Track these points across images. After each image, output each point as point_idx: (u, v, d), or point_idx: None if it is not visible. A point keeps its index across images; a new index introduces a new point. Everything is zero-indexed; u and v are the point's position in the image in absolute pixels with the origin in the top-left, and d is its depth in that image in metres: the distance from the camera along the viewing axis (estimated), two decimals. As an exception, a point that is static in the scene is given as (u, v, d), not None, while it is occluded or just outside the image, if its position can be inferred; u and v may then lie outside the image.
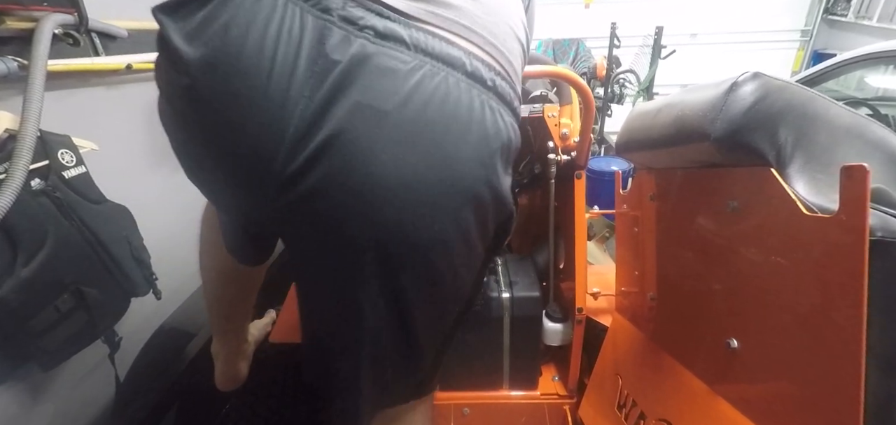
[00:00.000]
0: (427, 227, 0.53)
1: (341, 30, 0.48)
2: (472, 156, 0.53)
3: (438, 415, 1.35)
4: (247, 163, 0.52)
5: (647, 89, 4.10)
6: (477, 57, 0.54)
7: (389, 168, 0.49)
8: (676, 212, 0.90)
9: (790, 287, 0.62)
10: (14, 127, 0.99)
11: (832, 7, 5.43)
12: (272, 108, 0.48)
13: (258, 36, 0.47)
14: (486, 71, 0.54)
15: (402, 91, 0.49)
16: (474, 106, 0.52)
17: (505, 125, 0.56)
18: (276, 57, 0.47)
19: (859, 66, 2.53)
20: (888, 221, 0.53)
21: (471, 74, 0.53)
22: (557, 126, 1.18)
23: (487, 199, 0.56)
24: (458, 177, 0.53)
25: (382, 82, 0.48)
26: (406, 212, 0.52)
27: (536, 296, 1.22)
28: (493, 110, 0.54)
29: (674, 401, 0.88)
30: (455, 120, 0.51)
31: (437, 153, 0.51)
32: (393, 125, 0.49)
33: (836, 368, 0.56)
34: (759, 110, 0.64)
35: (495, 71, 0.56)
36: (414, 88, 0.49)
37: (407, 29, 0.50)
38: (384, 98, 0.48)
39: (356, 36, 0.48)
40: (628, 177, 1.25)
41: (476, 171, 0.54)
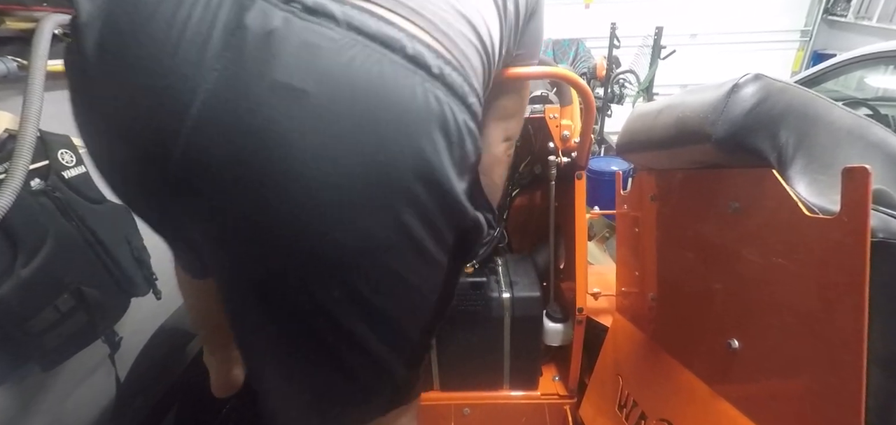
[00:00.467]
0: (355, 229, 0.47)
1: (264, 2, 0.43)
2: (409, 150, 0.46)
3: (438, 416, 1.35)
4: (141, 147, 0.46)
5: (647, 89, 4.10)
6: (421, 40, 0.48)
7: (309, 158, 0.43)
8: (677, 213, 0.90)
9: (791, 288, 0.62)
10: (14, 127, 0.99)
11: (832, 7, 5.43)
12: (175, 81, 0.42)
13: (172, 4, 0.42)
14: (432, 57, 0.48)
15: (328, 70, 0.43)
16: (416, 93, 0.46)
17: (454, 121, 0.49)
18: (188, 24, 0.42)
19: (859, 66, 2.53)
20: (889, 223, 0.53)
21: (412, 58, 0.46)
22: (558, 127, 1.18)
23: (428, 202, 0.49)
24: (390, 173, 0.46)
25: (305, 59, 0.43)
26: (329, 212, 0.45)
27: (537, 297, 1.22)
28: (440, 101, 0.48)
29: (674, 401, 0.88)
30: (389, 106, 0.45)
31: (366, 144, 0.44)
32: (314, 108, 0.43)
33: (837, 369, 0.56)
34: (760, 112, 0.64)
35: (444, 59, 0.49)
36: (342, 69, 0.43)
37: (340, 5, 0.45)
38: (306, 77, 0.42)
39: (281, 8, 0.43)
40: (629, 178, 1.25)
41: (414, 166, 0.47)
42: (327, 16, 0.44)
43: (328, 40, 0.43)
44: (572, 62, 4.93)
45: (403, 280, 0.53)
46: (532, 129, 1.33)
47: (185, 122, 0.42)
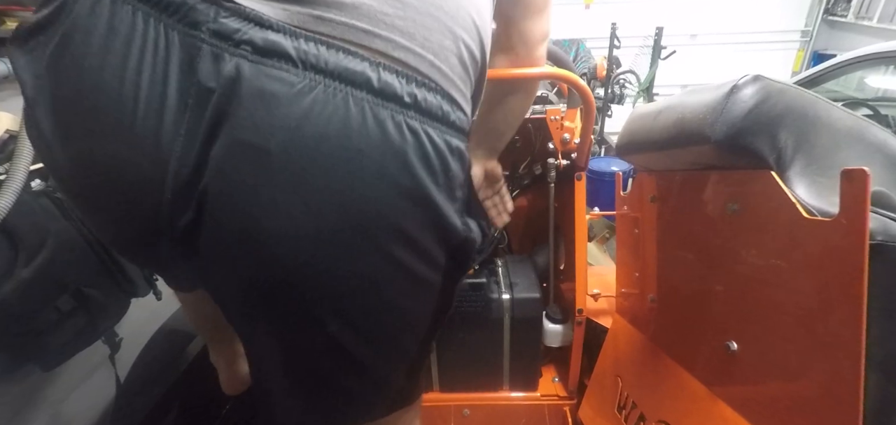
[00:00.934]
0: (343, 274, 0.46)
1: (213, 47, 0.39)
2: (388, 189, 0.44)
3: (438, 416, 1.35)
4: (130, 228, 0.46)
5: (648, 90, 4.11)
6: (389, 66, 0.44)
7: (283, 219, 0.42)
8: (677, 214, 0.90)
9: (790, 290, 0.62)
10: (14, 127, 0.99)
11: (832, 8, 5.43)
12: (144, 158, 0.41)
13: (117, 65, 0.40)
14: (402, 85, 0.44)
15: (287, 122, 0.40)
16: (387, 128, 0.43)
17: (432, 145, 0.46)
18: (139, 90, 0.40)
19: (859, 66, 2.53)
20: (888, 225, 0.53)
21: (380, 92, 0.43)
22: (560, 129, 1.18)
23: (416, 232, 0.48)
24: (372, 216, 0.45)
25: (263, 112, 0.40)
26: (314, 262, 0.45)
27: (537, 298, 1.22)
28: (415, 131, 0.45)
29: (673, 403, 0.88)
30: (359, 150, 0.42)
31: (341, 193, 0.43)
32: (280, 167, 0.41)
33: (835, 372, 0.56)
34: (759, 113, 0.64)
35: (418, 81, 0.45)
36: (303, 117, 0.40)
37: (293, 40, 0.41)
38: (266, 133, 0.40)
39: (231, 54, 0.39)
40: (629, 179, 1.25)
41: (395, 204, 0.45)
42: (281, 56, 0.40)
43: (285, 86, 0.40)
44: (573, 63, 4.93)
45: (397, 306, 0.53)
46: (532, 129, 1.33)
47: (164, 195, 0.42)
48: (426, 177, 0.46)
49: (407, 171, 0.45)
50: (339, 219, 0.43)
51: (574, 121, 1.19)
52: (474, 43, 0.52)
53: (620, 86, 3.97)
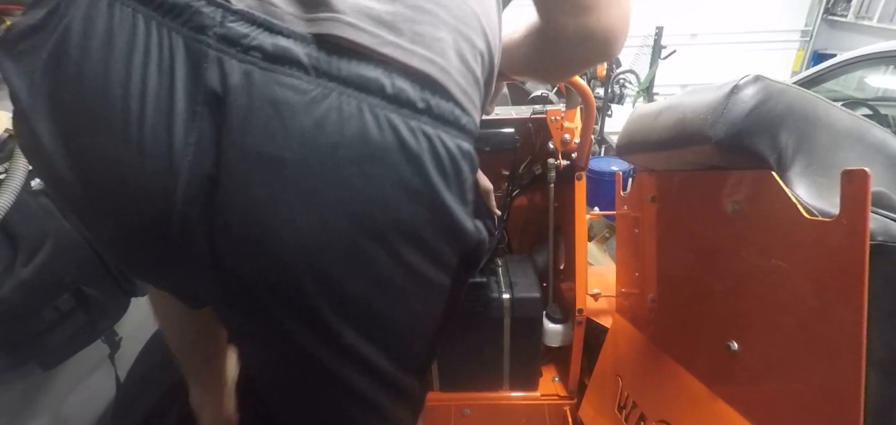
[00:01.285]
0: (359, 280, 0.46)
1: (220, 53, 0.39)
2: (403, 200, 0.44)
3: (438, 416, 1.35)
4: (139, 240, 0.45)
5: (648, 89, 4.11)
6: (402, 72, 0.43)
7: (300, 229, 0.42)
8: (677, 214, 0.90)
9: (790, 290, 0.62)
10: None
11: (832, 7, 5.44)
12: (153, 168, 0.40)
13: (120, 72, 0.38)
14: (415, 91, 0.43)
15: (302, 131, 0.40)
16: (401, 133, 0.42)
17: (446, 150, 0.46)
18: (145, 96, 0.38)
19: (859, 66, 2.53)
20: (889, 225, 0.53)
21: (393, 98, 0.42)
22: (560, 129, 1.18)
23: (431, 238, 0.48)
24: (388, 222, 0.44)
25: (276, 121, 0.39)
26: (330, 271, 0.44)
27: (537, 297, 1.22)
28: (428, 136, 0.44)
29: (674, 403, 0.88)
30: (375, 157, 0.42)
31: (357, 202, 0.42)
32: (295, 178, 0.40)
33: (835, 372, 0.56)
34: (760, 113, 0.64)
35: (431, 87, 0.44)
36: (317, 126, 0.40)
37: (305, 46, 0.40)
38: (281, 143, 0.39)
39: (240, 61, 0.39)
40: (629, 178, 1.25)
41: (411, 210, 0.45)
42: (293, 63, 0.40)
43: (297, 94, 0.39)
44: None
45: (413, 312, 0.52)
46: (533, 129, 1.33)
47: (174, 206, 0.41)
48: (441, 182, 0.46)
49: (423, 177, 0.44)
50: (357, 227, 0.43)
51: (574, 121, 1.20)
52: (483, 45, 0.51)
53: (620, 85, 3.98)
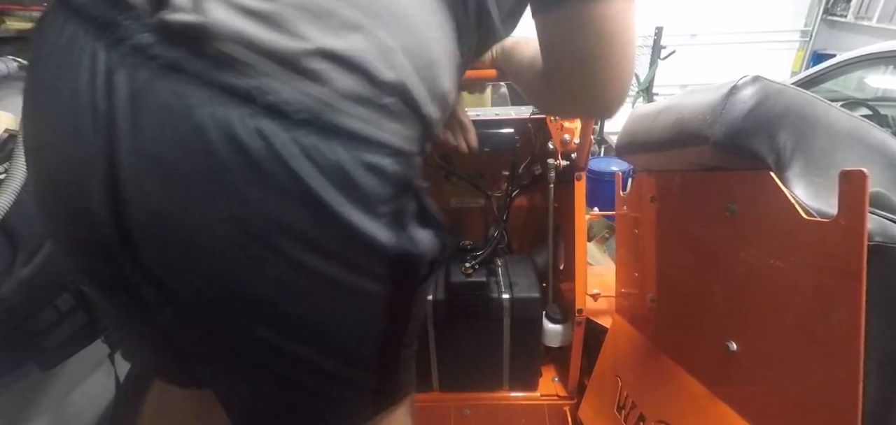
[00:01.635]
0: (255, 280, 0.47)
1: (131, 58, 0.42)
2: (280, 205, 0.45)
3: (438, 416, 1.35)
4: (81, 257, 0.51)
5: (647, 90, 4.11)
6: (282, 90, 0.43)
7: (193, 234, 0.44)
8: (676, 215, 0.90)
9: (789, 290, 0.62)
10: (14, 127, 0.99)
11: (832, 7, 5.43)
12: (79, 175, 0.45)
13: (61, 82, 0.44)
14: (297, 101, 0.43)
15: (181, 137, 0.42)
16: (274, 145, 0.42)
17: (331, 161, 0.45)
18: (76, 108, 0.43)
19: (859, 66, 2.53)
20: (887, 226, 0.53)
21: (269, 108, 0.42)
22: (560, 130, 1.18)
23: (326, 242, 0.48)
24: (269, 228, 0.45)
25: (160, 127, 0.42)
26: (232, 276, 0.46)
27: (536, 298, 1.22)
28: (305, 147, 0.44)
29: (673, 403, 0.88)
30: (246, 168, 0.43)
31: (238, 208, 0.44)
32: (176, 183, 0.43)
33: (833, 372, 0.56)
34: (758, 114, 0.64)
35: (319, 100, 0.44)
36: (194, 132, 0.42)
37: (195, 61, 0.42)
38: (162, 148, 0.42)
39: (143, 67, 0.42)
40: (628, 179, 1.25)
41: (292, 218, 0.45)
42: (182, 71, 0.42)
43: (181, 100, 0.41)
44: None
45: (331, 310, 0.53)
46: (532, 130, 1.33)
47: (98, 218, 0.45)
48: (326, 192, 0.45)
49: (298, 185, 0.44)
50: (241, 230, 0.45)
51: (574, 121, 1.20)
52: (398, 44, 0.48)
53: (620, 85, 3.97)
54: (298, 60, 0.44)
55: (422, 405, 1.35)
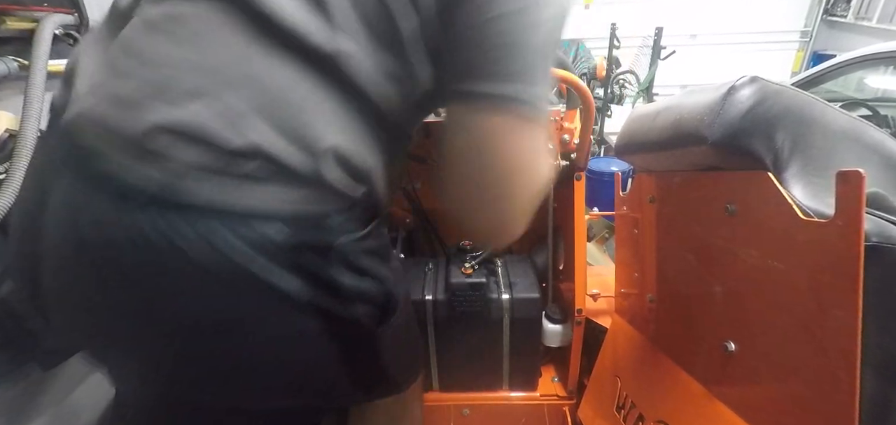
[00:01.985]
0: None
1: (54, 165, 0.50)
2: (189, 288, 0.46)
3: (438, 416, 1.35)
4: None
5: (647, 90, 4.10)
6: (140, 158, 0.43)
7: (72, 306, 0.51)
8: (675, 215, 0.90)
9: (787, 290, 0.62)
10: (15, 127, 0.99)
11: (832, 8, 5.43)
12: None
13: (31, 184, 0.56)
14: (147, 181, 0.43)
15: (64, 234, 0.47)
16: (134, 232, 0.43)
17: (235, 242, 0.45)
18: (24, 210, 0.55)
19: (859, 66, 2.53)
20: (884, 226, 0.54)
21: (122, 193, 0.44)
22: (559, 129, 1.18)
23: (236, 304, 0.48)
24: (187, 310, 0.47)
25: (56, 225, 0.48)
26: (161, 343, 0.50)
27: (536, 298, 1.22)
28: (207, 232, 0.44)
29: (672, 403, 0.89)
30: (117, 258, 0.45)
31: (119, 295, 0.47)
32: (67, 271, 0.49)
33: (831, 372, 0.56)
34: (756, 114, 0.64)
35: (156, 178, 0.43)
36: (72, 229, 0.46)
37: (77, 153, 0.47)
38: (58, 243, 0.48)
39: (59, 171, 0.49)
40: (628, 179, 1.26)
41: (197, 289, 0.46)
42: (70, 169, 0.47)
43: (68, 196, 0.46)
44: (572, 63, 4.94)
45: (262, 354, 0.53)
46: None
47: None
48: (236, 258, 0.45)
49: (166, 260, 0.45)
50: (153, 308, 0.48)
51: (573, 121, 1.20)
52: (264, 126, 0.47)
53: (620, 86, 3.98)
54: (141, 140, 0.43)
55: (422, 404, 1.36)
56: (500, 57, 0.48)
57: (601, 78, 3.73)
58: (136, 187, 0.43)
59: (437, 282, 1.26)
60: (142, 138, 0.43)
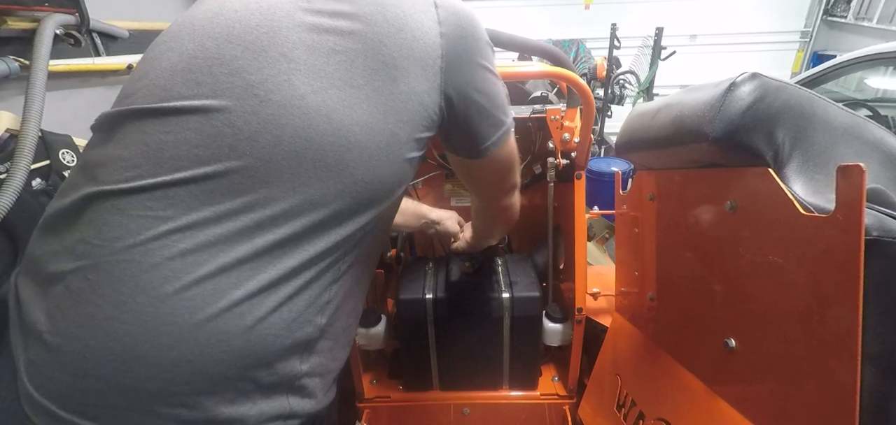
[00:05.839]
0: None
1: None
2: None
3: (438, 415, 1.35)
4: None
5: (647, 90, 4.11)
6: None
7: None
8: (675, 213, 0.90)
9: (787, 286, 0.62)
10: (15, 127, 0.99)
11: (832, 8, 5.43)
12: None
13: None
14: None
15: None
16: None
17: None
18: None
19: (859, 67, 2.53)
20: (884, 221, 0.53)
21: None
22: (560, 129, 1.18)
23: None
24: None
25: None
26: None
27: (536, 297, 1.22)
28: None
29: (672, 401, 0.88)
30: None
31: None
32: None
33: (831, 368, 0.56)
34: (756, 110, 0.64)
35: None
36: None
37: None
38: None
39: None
40: (628, 178, 1.26)
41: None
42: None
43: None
44: (573, 63, 4.93)
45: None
46: (533, 129, 1.33)
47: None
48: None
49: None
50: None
51: (574, 120, 1.20)
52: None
53: (620, 86, 3.98)
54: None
55: (421, 404, 1.36)
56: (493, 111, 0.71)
57: (601, 78, 3.73)
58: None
59: (437, 281, 1.26)
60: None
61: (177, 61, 0.55)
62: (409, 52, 0.58)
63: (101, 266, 0.49)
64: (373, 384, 1.41)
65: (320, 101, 0.54)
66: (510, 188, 0.91)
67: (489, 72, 0.68)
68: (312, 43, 0.55)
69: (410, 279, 1.27)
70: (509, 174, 0.85)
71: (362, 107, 0.56)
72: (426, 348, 1.27)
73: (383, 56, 0.57)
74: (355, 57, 0.56)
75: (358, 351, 1.31)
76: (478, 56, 0.65)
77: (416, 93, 0.59)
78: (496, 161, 0.77)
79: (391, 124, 0.58)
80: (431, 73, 0.60)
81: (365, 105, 0.56)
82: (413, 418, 1.39)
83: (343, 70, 0.55)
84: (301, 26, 0.56)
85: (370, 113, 0.56)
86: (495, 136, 0.72)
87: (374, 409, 1.37)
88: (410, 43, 0.58)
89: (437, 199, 1.52)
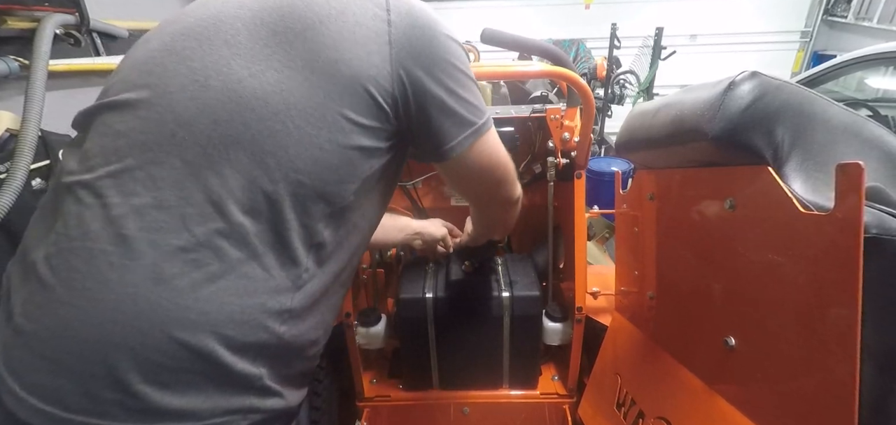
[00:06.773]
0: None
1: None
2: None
3: (438, 414, 1.35)
4: None
5: (647, 90, 4.11)
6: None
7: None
8: (675, 212, 0.90)
9: (787, 285, 0.62)
10: (15, 126, 0.99)
11: (832, 8, 5.43)
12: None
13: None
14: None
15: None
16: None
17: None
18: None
19: (859, 67, 2.53)
20: (883, 219, 0.54)
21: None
22: (560, 128, 1.18)
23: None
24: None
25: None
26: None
27: (536, 296, 1.22)
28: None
29: (672, 400, 0.88)
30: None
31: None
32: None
33: (831, 365, 0.56)
34: (756, 109, 0.64)
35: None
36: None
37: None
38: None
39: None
40: (628, 178, 1.26)
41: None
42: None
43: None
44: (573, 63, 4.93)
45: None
46: (533, 128, 1.34)
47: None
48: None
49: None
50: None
51: (574, 120, 1.20)
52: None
53: (620, 86, 3.98)
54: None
55: (421, 403, 1.36)
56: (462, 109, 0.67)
57: (601, 78, 3.74)
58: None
59: (437, 280, 1.26)
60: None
61: (141, 57, 0.59)
62: (351, 35, 0.57)
63: (62, 253, 0.52)
64: (373, 383, 1.41)
65: (257, 84, 0.54)
66: (503, 200, 0.85)
67: (453, 66, 0.64)
68: (255, 27, 0.56)
69: (410, 278, 1.27)
70: (495, 185, 0.79)
71: (301, 90, 0.55)
72: (426, 347, 1.27)
73: (324, 36, 0.56)
74: (295, 38, 0.56)
75: (358, 351, 1.32)
76: (437, 48, 0.63)
77: (358, 78, 0.57)
78: (467, 167, 0.71)
79: (333, 108, 0.56)
80: (378, 58, 0.58)
81: (304, 87, 0.55)
82: (413, 417, 1.39)
83: (282, 52, 0.55)
84: (247, 12, 0.57)
85: (309, 96, 0.55)
86: (461, 137, 0.67)
87: (374, 408, 1.37)
88: (352, 27, 0.57)
89: (437, 199, 1.52)
